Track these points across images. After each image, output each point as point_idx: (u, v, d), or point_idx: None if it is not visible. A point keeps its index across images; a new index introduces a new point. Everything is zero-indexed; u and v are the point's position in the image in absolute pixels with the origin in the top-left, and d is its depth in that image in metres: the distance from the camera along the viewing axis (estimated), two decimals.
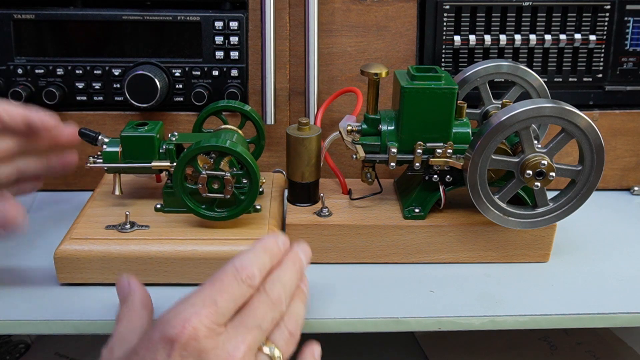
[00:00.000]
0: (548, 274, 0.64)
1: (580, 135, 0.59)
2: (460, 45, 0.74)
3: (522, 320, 0.57)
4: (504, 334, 0.91)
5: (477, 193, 0.60)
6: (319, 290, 0.60)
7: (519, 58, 0.75)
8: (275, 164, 0.76)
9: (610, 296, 0.60)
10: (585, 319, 0.58)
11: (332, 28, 0.73)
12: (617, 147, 0.78)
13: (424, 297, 0.59)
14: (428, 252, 0.64)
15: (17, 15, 0.70)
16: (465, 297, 0.59)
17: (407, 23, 0.74)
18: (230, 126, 0.68)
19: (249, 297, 0.47)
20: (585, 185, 0.61)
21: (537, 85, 0.70)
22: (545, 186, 0.60)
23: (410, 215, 0.64)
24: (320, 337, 0.53)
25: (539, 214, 0.62)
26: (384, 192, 0.68)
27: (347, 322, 0.57)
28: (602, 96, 0.77)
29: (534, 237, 0.64)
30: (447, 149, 0.62)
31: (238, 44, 0.73)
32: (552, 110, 0.57)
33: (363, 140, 0.63)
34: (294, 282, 0.50)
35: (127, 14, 0.71)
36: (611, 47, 0.75)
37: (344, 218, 0.64)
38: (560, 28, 0.74)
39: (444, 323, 0.57)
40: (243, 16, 0.72)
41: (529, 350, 0.90)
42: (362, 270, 0.63)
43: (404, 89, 0.60)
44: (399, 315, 0.57)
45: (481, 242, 0.64)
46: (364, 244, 0.64)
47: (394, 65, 0.74)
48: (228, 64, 0.73)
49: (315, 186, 0.67)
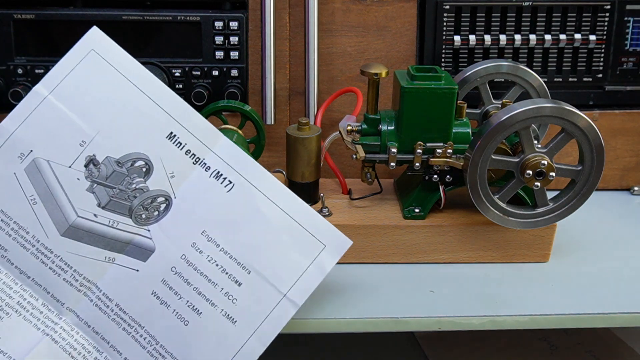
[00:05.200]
0: (548, 274, 0.64)
1: (580, 135, 0.59)
2: (460, 45, 0.74)
3: (522, 320, 0.57)
4: (504, 334, 0.91)
5: (477, 193, 0.60)
6: (319, 290, 0.60)
7: (519, 58, 0.75)
8: (275, 164, 0.76)
9: (610, 296, 0.60)
10: (585, 319, 0.58)
11: (332, 28, 0.73)
12: (617, 147, 0.78)
13: (424, 297, 0.59)
14: (428, 252, 0.64)
15: (17, 15, 0.70)
16: (465, 297, 0.59)
17: (407, 23, 0.74)
18: (230, 126, 0.68)
19: None
20: (585, 185, 0.61)
21: (537, 85, 0.70)
22: (545, 186, 0.60)
23: (410, 215, 0.64)
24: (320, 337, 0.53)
25: (539, 214, 0.62)
26: (384, 192, 0.68)
27: (347, 322, 0.57)
28: (602, 96, 0.77)
29: (534, 237, 0.64)
30: (447, 149, 0.62)
31: (238, 44, 0.73)
32: (552, 110, 0.57)
33: (363, 140, 0.63)
34: None
35: (127, 14, 0.71)
36: (611, 47, 0.75)
37: (344, 218, 0.64)
38: (560, 28, 0.74)
39: (444, 323, 0.57)
40: (243, 16, 0.72)
41: (529, 350, 0.90)
42: (362, 270, 0.63)
43: (404, 89, 0.60)
44: (399, 315, 0.57)
45: (481, 242, 0.64)
46: (364, 244, 0.64)
47: (394, 65, 0.74)
48: (228, 64, 0.73)
49: (315, 186, 0.67)
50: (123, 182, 0.54)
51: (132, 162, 0.54)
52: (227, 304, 0.52)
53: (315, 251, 0.53)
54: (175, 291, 0.52)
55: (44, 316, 0.54)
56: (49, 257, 0.54)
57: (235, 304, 0.52)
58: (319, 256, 0.53)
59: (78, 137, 0.54)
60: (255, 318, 0.52)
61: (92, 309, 0.53)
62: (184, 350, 0.52)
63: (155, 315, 0.52)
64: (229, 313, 0.52)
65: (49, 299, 0.54)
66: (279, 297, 0.52)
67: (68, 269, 0.54)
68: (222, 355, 0.51)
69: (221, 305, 0.52)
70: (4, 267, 0.55)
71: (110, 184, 0.54)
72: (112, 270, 0.53)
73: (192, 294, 0.52)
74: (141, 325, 0.52)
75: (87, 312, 0.53)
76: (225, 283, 0.52)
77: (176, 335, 0.52)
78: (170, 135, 0.54)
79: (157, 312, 0.52)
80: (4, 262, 0.55)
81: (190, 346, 0.52)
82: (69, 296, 0.54)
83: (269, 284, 0.52)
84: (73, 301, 0.54)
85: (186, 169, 0.54)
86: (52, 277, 0.54)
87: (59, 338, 0.53)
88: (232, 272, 0.52)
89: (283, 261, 0.52)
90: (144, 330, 0.52)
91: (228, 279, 0.52)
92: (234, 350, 0.51)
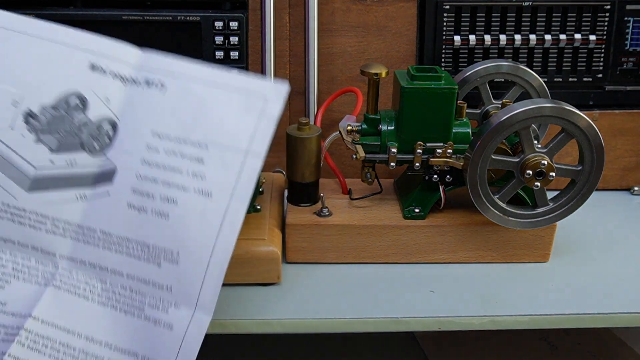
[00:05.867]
0: (548, 274, 0.64)
1: (580, 135, 0.59)
2: (460, 45, 0.74)
3: (522, 320, 0.57)
4: (504, 334, 0.91)
5: (477, 193, 0.60)
6: (319, 290, 0.60)
7: (519, 58, 0.75)
8: (275, 164, 0.76)
9: (610, 296, 0.60)
10: (585, 319, 0.58)
11: (332, 28, 0.73)
12: (617, 147, 0.78)
13: (424, 297, 0.59)
14: (428, 252, 0.64)
15: None
16: (465, 297, 0.60)
17: (407, 23, 0.74)
18: None
19: None
20: (585, 185, 0.61)
21: (537, 85, 0.70)
22: (545, 186, 0.60)
23: (410, 215, 0.64)
24: (320, 337, 0.53)
25: (539, 214, 0.62)
26: (384, 192, 0.68)
27: (347, 322, 0.57)
28: (602, 96, 0.77)
29: (534, 237, 0.64)
30: (447, 149, 0.62)
31: (238, 44, 0.73)
32: (552, 110, 0.57)
33: (363, 140, 0.63)
34: None
35: (127, 14, 0.71)
36: (611, 47, 0.75)
37: (344, 218, 0.64)
38: (560, 28, 0.74)
39: (444, 323, 0.57)
40: (243, 16, 0.72)
41: (529, 350, 0.90)
42: (362, 270, 0.64)
43: (404, 89, 0.60)
44: (399, 315, 0.57)
45: (481, 242, 0.64)
46: (364, 244, 0.64)
47: (394, 65, 0.75)
48: (228, 64, 0.73)
49: (315, 186, 0.67)
50: (65, 123, 0.56)
51: (66, 102, 0.56)
52: (197, 182, 0.53)
53: (258, 106, 0.54)
54: (147, 194, 0.54)
55: (41, 272, 0.55)
56: (24, 216, 0.55)
57: (204, 179, 0.53)
58: (264, 108, 0.54)
59: (8, 99, 0.56)
60: (227, 184, 0.53)
61: (81, 246, 0.55)
62: (174, 243, 0.53)
63: (137, 225, 0.54)
64: (202, 189, 0.53)
65: (40, 255, 0.55)
66: (242, 155, 0.53)
67: (46, 220, 0.55)
68: (209, 229, 0.52)
69: (192, 185, 0.53)
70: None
71: (54, 128, 0.56)
72: (86, 204, 0.55)
73: (162, 188, 0.53)
74: (129, 239, 0.54)
75: (77, 251, 0.55)
76: (188, 166, 0.53)
77: (163, 232, 0.53)
78: (91, 67, 0.56)
79: (138, 220, 0.54)
80: None
81: (178, 235, 0.53)
82: (56, 244, 0.55)
83: (228, 149, 0.53)
84: (62, 247, 0.55)
85: (118, 90, 0.56)
86: (35, 234, 0.55)
87: (60, 284, 0.55)
88: (191, 153, 0.53)
89: (234, 127, 0.54)
90: (134, 242, 0.54)
91: (189, 162, 0.53)
92: (218, 220, 0.52)
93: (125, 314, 0.54)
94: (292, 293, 0.60)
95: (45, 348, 0.53)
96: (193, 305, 0.53)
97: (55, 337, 0.54)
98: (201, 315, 0.52)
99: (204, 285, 0.52)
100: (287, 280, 0.61)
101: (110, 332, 0.54)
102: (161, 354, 0.53)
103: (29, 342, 0.53)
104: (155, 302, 0.53)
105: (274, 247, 0.59)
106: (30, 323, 0.53)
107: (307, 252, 0.64)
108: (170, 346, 0.53)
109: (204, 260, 0.52)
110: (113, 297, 0.54)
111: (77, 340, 0.54)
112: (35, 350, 0.53)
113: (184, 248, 0.53)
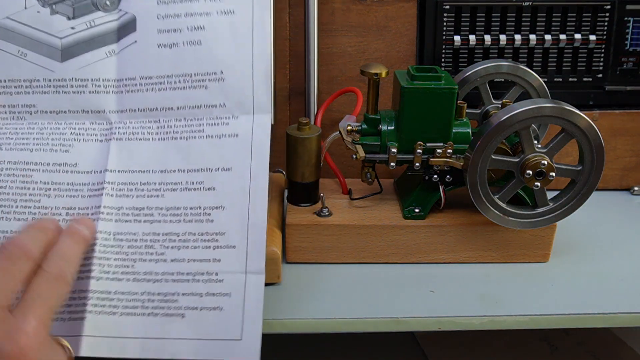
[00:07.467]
0: (548, 274, 0.64)
1: (580, 135, 0.59)
2: (460, 45, 0.74)
3: (522, 320, 0.57)
4: (504, 334, 0.91)
5: (477, 193, 0.60)
6: (319, 290, 0.60)
7: (519, 58, 0.75)
8: (275, 164, 0.76)
9: (610, 296, 0.60)
10: (585, 319, 0.58)
11: (332, 28, 0.73)
12: (617, 147, 0.78)
13: (424, 297, 0.59)
14: (428, 252, 0.64)
15: None
16: (465, 297, 0.60)
17: (407, 23, 0.74)
18: None
19: (29, 271, 0.45)
20: (585, 185, 0.61)
21: (537, 85, 0.70)
22: (545, 186, 0.60)
23: (410, 215, 0.64)
24: (320, 337, 0.53)
25: (539, 214, 0.62)
26: (384, 192, 0.68)
27: (347, 322, 0.57)
28: (602, 96, 0.77)
29: (534, 237, 0.64)
30: (447, 149, 0.62)
31: None
32: (552, 110, 0.57)
33: (363, 140, 0.63)
34: (76, 254, 0.49)
35: None
36: (611, 47, 0.75)
37: (344, 218, 0.64)
38: (560, 28, 0.74)
39: (444, 323, 0.57)
40: None
41: (529, 350, 0.90)
42: (362, 270, 0.64)
43: (404, 89, 0.60)
44: (399, 315, 0.57)
45: (481, 242, 0.64)
46: (364, 244, 0.64)
47: (394, 65, 0.74)
48: None
49: (315, 186, 0.67)
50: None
51: None
52: (217, 4, 0.58)
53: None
54: (173, 29, 0.58)
55: (99, 129, 0.59)
56: (66, 85, 0.59)
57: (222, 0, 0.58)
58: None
59: None
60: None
61: (126, 97, 0.58)
62: (215, 64, 0.57)
63: (173, 60, 0.58)
64: (224, 9, 0.58)
65: (92, 116, 0.59)
66: None
67: (87, 82, 0.59)
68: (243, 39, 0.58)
69: (213, 9, 0.58)
70: (41, 119, 0.59)
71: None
72: (117, 58, 0.59)
73: (186, 20, 0.58)
74: (169, 75, 0.58)
75: (123, 102, 0.59)
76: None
77: (200, 58, 0.58)
78: None
79: (172, 56, 0.58)
80: (39, 114, 0.59)
81: (216, 55, 0.57)
82: (102, 102, 0.59)
83: None
84: (108, 104, 0.59)
85: None
86: (80, 98, 0.59)
87: (120, 135, 0.58)
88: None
89: None
90: (174, 77, 0.58)
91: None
92: (249, 30, 0.58)
93: (187, 140, 0.57)
94: (292, 293, 0.60)
95: (130, 191, 0.57)
96: (250, 110, 0.57)
97: (136, 180, 0.57)
98: (261, 117, 0.57)
99: (255, 90, 0.57)
100: (287, 280, 0.61)
101: (179, 160, 0.57)
102: (236, 161, 0.56)
103: (116, 191, 0.57)
104: (213, 121, 0.58)
105: (274, 247, 0.59)
106: (110, 176, 0.57)
107: (307, 252, 0.64)
108: (242, 152, 0.57)
109: (248, 68, 0.57)
110: (170, 130, 0.58)
111: (154, 175, 0.57)
112: (123, 196, 0.56)
113: (225, 64, 0.57)
